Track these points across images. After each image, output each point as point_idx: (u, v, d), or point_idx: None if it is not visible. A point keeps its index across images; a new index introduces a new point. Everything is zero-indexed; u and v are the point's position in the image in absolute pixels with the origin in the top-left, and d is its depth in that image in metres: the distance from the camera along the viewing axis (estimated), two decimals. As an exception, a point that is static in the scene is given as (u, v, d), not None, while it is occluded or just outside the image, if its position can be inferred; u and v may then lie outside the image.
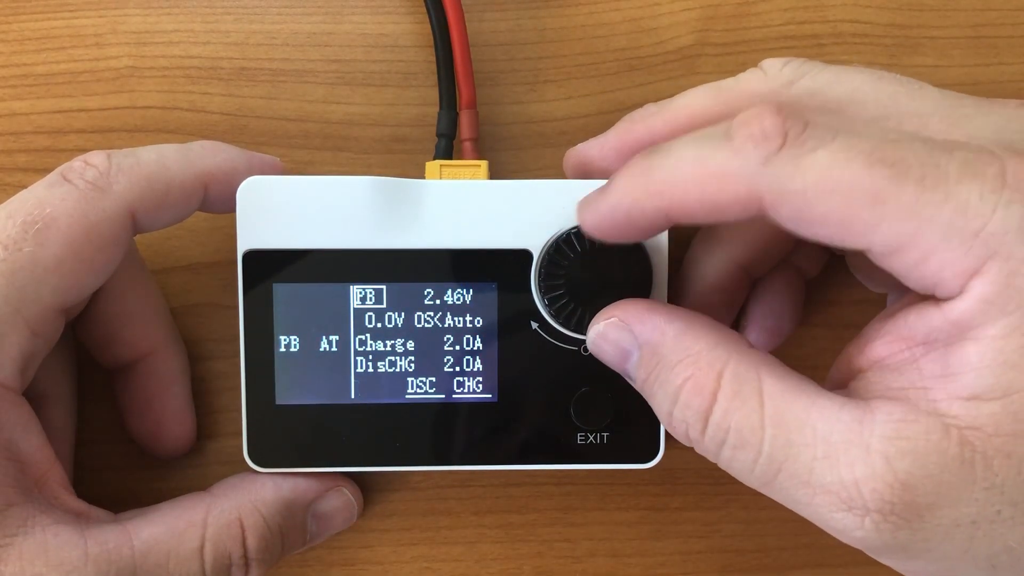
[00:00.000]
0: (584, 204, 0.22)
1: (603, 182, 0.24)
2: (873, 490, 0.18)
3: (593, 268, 0.24)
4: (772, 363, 0.20)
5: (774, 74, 0.23)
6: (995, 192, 0.17)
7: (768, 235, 0.25)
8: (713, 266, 0.26)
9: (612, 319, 0.22)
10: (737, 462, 0.20)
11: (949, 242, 0.17)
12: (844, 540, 0.19)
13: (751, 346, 0.21)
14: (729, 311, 0.26)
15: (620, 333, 0.22)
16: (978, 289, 0.17)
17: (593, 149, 0.25)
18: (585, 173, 0.25)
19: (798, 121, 0.19)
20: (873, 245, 0.18)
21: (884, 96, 0.22)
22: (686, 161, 0.20)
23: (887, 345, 0.20)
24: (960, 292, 0.18)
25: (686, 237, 0.28)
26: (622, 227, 0.21)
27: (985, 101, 0.21)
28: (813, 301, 0.29)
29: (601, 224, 0.22)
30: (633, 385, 0.22)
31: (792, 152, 0.18)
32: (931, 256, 0.18)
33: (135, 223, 0.23)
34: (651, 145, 0.23)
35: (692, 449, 0.28)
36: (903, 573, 0.20)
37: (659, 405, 0.21)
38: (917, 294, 0.19)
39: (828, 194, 0.18)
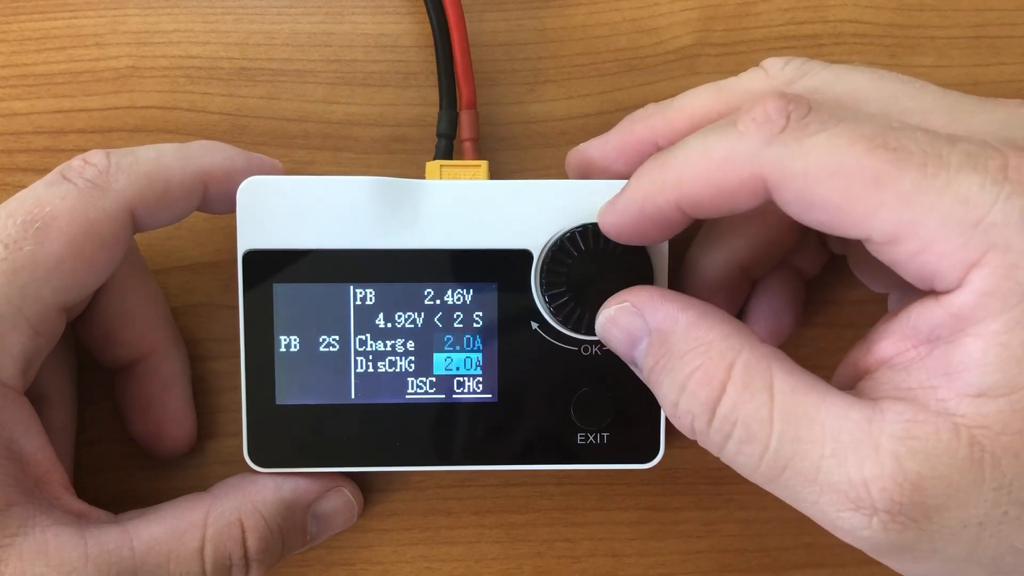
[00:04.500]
0: (603, 208, 0.22)
1: (607, 182, 0.24)
2: (882, 489, 0.17)
3: (593, 268, 0.24)
4: (783, 358, 0.20)
5: (775, 72, 0.23)
6: (996, 184, 0.17)
7: (767, 235, 0.25)
8: (713, 267, 0.26)
9: (624, 304, 0.22)
10: (743, 456, 0.19)
11: (948, 231, 0.17)
12: (848, 540, 0.19)
13: (762, 340, 0.21)
14: (729, 312, 0.26)
15: (631, 318, 0.22)
16: (977, 281, 0.17)
17: (595, 149, 0.25)
18: (587, 173, 0.25)
19: (801, 105, 0.19)
20: (872, 233, 0.18)
21: (885, 95, 0.22)
22: (695, 151, 0.20)
23: (893, 344, 0.19)
24: (959, 284, 0.18)
25: (686, 237, 0.28)
26: (639, 224, 0.21)
27: (987, 100, 0.21)
28: (813, 301, 0.29)
29: (619, 223, 0.22)
30: (639, 374, 0.22)
31: (795, 134, 0.18)
32: (930, 246, 0.18)
33: (135, 221, 0.23)
34: (652, 144, 0.23)
35: (692, 449, 0.28)
36: (901, 572, 0.20)
37: (665, 395, 0.21)
38: (920, 293, 0.19)
39: (829, 176, 0.18)
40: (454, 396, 0.25)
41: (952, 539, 0.18)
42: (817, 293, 0.29)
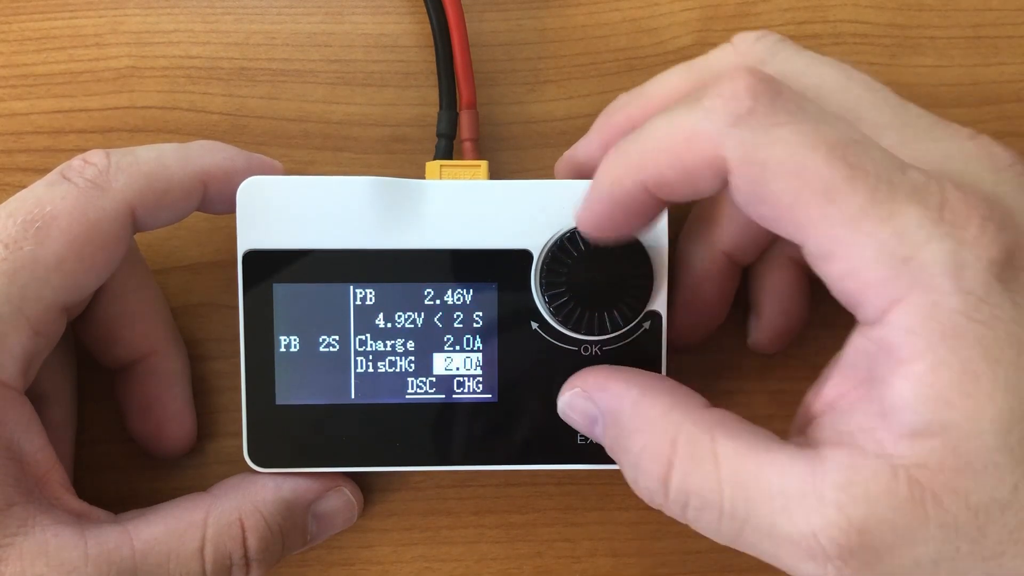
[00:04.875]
0: (577, 208, 0.22)
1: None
2: (830, 538, 0.18)
3: (593, 268, 0.24)
4: (727, 421, 0.20)
5: (745, 49, 0.23)
6: (932, 223, 0.17)
7: (746, 221, 0.25)
8: (699, 256, 0.26)
9: (575, 389, 0.23)
10: (703, 522, 0.20)
11: (879, 263, 0.17)
12: None
13: (708, 406, 0.21)
14: (722, 301, 0.26)
15: (584, 403, 0.23)
16: (901, 318, 0.17)
17: (580, 151, 0.25)
18: (578, 177, 0.25)
19: (770, 87, 0.19)
20: (808, 242, 0.18)
21: (850, 97, 0.21)
22: (659, 129, 0.20)
23: (836, 387, 0.20)
24: (880, 318, 0.18)
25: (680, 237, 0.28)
26: (612, 214, 0.21)
27: (940, 124, 0.21)
28: (814, 301, 0.28)
29: (592, 217, 0.22)
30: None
31: (760, 120, 0.18)
32: (859, 272, 0.18)
33: (135, 221, 0.23)
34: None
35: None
36: None
37: (625, 471, 0.22)
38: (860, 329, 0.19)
39: (786, 175, 0.18)
40: (454, 396, 0.25)
41: None
42: (818, 293, 0.28)
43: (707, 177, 0.19)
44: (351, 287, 0.25)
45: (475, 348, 0.25)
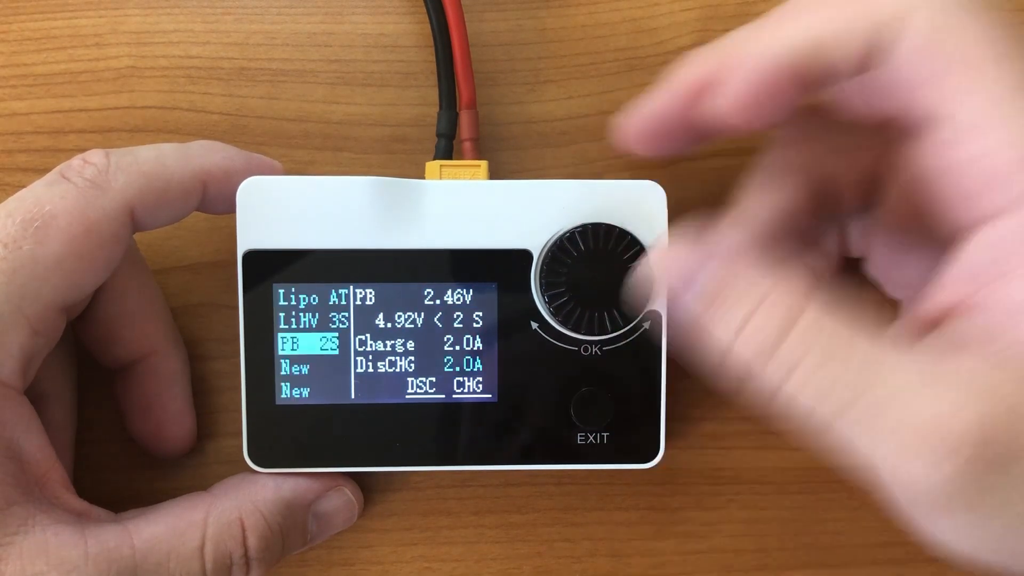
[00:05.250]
0: (721, 92, 0.21)
1: (607, 182, 0.24)
2: (957, 430, 0.16)
3: (593, 268, 0.24)
4: (855, 307, 0.19)
5: None
6: None
7: (820, 171, 0.23)
8: (764, 209, 0.23)
9: (682, 243, 0.21)
10: (801, 397, 0.18)
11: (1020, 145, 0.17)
12: (905, 495, 0.17)
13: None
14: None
15: (689, 257, 0.20)
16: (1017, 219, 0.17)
17: (656, 101, 0.23)
18: (649, 135, 0.23)
19: None
20: (960, 110, 0.18)
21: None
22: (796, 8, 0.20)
23: (953, 293, 0.18)
24: (1011, 207, 0.17)
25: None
26: (756, 96, 0.20)
27: None
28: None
29: (737, 99, 0.20)
30: (681, 321, 0.20)
31: None
32: (998, 152, 0.17)
33: (134, 221, 0.23)
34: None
35: (692, 449, 0.28)
36: (950, 542, 0.18)
37: (719, 336, 0.19)
38: (967, 241, 0.18)
39: (960, 31, 0.18)
40: (454, 396, 0.25)
41: None
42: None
43: (870, 41, 0.19)
44: (351, 287, 0.25)
45: (475, 348, 0.25)
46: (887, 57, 0.19)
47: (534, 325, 0.25)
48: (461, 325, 0.25)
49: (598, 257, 0.24)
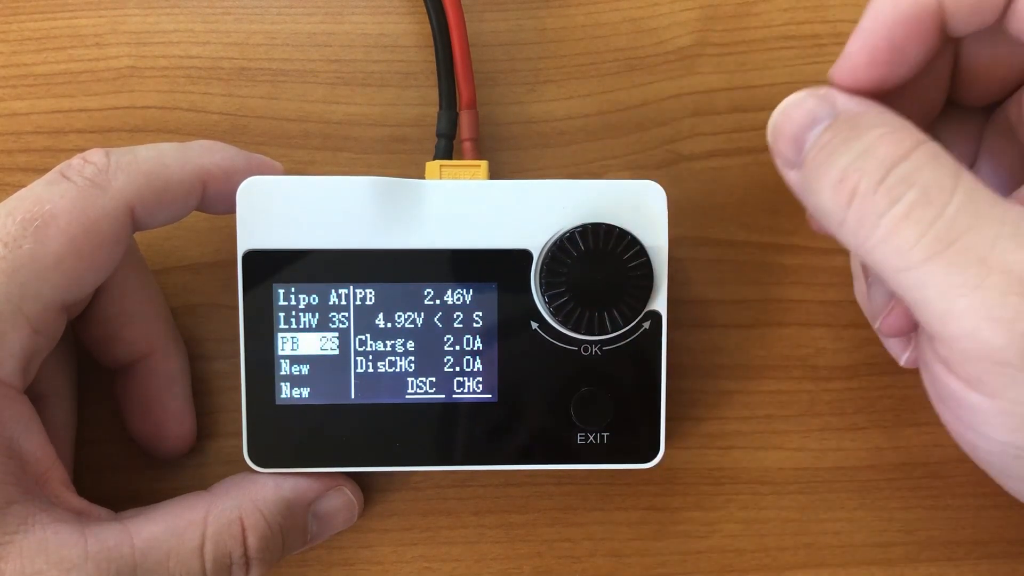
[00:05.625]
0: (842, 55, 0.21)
1: (608, 182, 0.24)
2: None
3: (593, 268, 0.24)
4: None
5: None
6: None
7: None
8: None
9: (816, 89, 0.20)
10: (905, 228, 0.17)
11: None
12: (992, 342, 0.17)
13: None
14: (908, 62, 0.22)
15: (819, 102, 0.20)
16: None
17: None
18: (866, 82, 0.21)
19: None
20: None
21: None
22: None
23: None
24: None
25: (680, 237, 0.28)
26: (881, 42, 0.20)
27: None
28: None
29: (858, 50, 0.20)
30: (797, 162, 0.20)
31: None
32: None
33: (134, 220, 0.23)
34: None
35: (692, 449, 0.28)
36: (998, 413, 0.18)
37: (830, 167, 0.19)
38: None
39: None
40: (454, 396, 0.25)
41: None
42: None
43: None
44: (351, 287, 0.25)
45: (475, 348, 0.25)
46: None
47: (534, 325, 0.25)
48: (461, 325, 0.25)
49: (598, 257, 0.24)
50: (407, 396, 0.25)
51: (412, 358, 0.25)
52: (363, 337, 0.25)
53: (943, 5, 0.19)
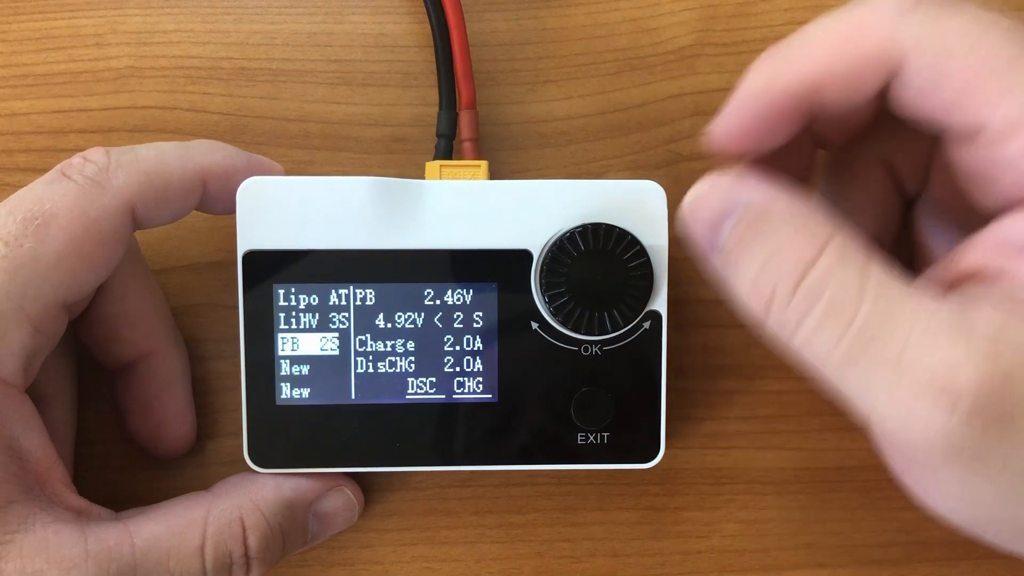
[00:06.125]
0: (715, 120, 0.21)
1: (608, 182, 0.24)
2: (971, 379, 0.16)
3: (593, 268, 0.24)
4: (879, 253, 0.19)
5: None
6: None
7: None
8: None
9: (720, 178, 0.20)
10: (822, 334, 0.18)
11: None
12: (913, 442, 0.17)
13: None
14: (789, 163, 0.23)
15: (725, 192, 0.20)
16: None
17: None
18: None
19: None
20: (993, 119, 0.18)
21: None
22: (821, 27, 0.19)
23: (980, 257, 0.19)
24: None
25: (680, 237, 0.28)
26: (751, 125, 0.20)
27: None
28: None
29: (729, 126, 0.20)
30: (713, 260, 0.20)
31: (931, 10, 0.18)
32: None
33: (135, 219, 0.23)
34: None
35: (692, 449, 0.28)
36: (942, 502, 0.18)
37: (746, 268, 0.19)
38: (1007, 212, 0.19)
39: (967, 52, 0.18)
40: (454, 396, 0.25)
41: None
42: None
43: (874, 71, 0.19)
44: (351, 287, 0.25)
45: (475, 348, 0.25)
46: (901, 82, 0.19)
47: (534, 325, 0.25)
48: (461, 325, 0.25)
49: (598, 257, 0.24)
50: (407, 396, 0.25)
51: (412, 358, 0.25)
52: (363, 337, 0.25)
53: (819, 90, 0.20)
